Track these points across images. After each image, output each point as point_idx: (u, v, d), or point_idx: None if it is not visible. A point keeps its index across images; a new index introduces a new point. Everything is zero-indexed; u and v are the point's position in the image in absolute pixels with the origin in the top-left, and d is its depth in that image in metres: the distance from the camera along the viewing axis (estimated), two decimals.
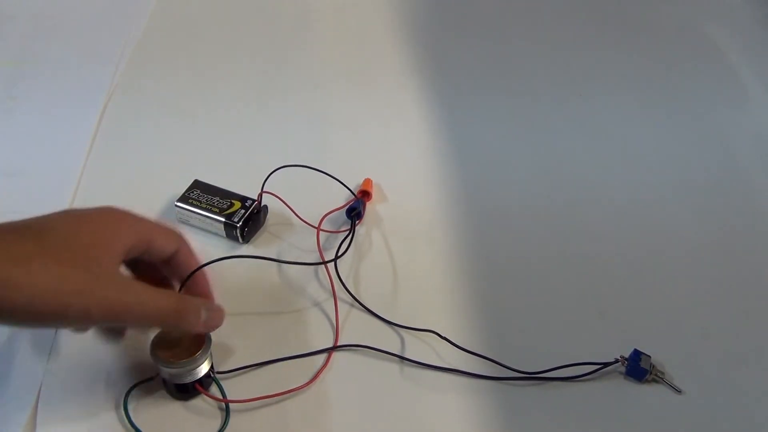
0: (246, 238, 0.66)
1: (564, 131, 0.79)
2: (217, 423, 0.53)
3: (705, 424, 0.54)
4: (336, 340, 0.59)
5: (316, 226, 0.66)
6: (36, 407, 0.53)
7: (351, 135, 0.78)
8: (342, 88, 0.84)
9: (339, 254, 0.64)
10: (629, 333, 0.60)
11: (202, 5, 0.97)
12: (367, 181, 0.71)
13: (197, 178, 0.68)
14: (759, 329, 0.61)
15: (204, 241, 0.66)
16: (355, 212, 0.67)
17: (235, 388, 0.55)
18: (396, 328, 0.60)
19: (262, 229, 0.68)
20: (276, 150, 0.75)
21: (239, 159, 0.75)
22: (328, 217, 0.67)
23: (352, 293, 0.62)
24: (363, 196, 0.69)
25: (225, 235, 0.66)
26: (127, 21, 0.93)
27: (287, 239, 0.67)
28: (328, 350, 0.58)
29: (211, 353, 0.53)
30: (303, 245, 0.66)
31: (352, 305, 0.62)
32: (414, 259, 0.66)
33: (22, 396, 0.54)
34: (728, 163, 0.76)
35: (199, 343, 0.52)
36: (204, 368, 0.53)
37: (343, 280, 0.63)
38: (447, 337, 0.58)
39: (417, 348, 0.58)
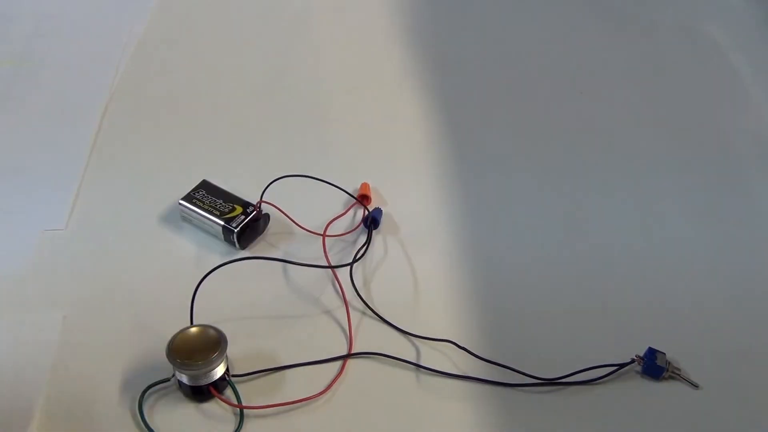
0: (242, 244, 0.65)
1: (563, 130, 0.80)
2: (230, 427, 0.52)
3: (726, 415, 0.55)
4: (350, 347, 0.58)
5: (318, 233, 0.66)
6: (39, 406, 0.53)
7: (351, 136, 0.78)
8: (342, 89, 0.84)
9: (357, 257, 0.64)
10: (639, 332, 0.60)
11: (203, 5, 0.96)
12: (365, 186, 0.71)
13: (205, 179, 0.68)
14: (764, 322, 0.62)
15: (202, 243, 0.66)
16: (371, 220, 0.67)
17: (249, 392, 0.54)
18: (411, 337, 0.59)
19: (260, 237, 0.67)
20: (277, 150, 0.75)
21: (239, 159, 0.75)
22: (328, 223, 0.67)
23: (365, 300, 0.61)
24: (362, 200, 0.69)
25: (223, 239, 0.65)
26: (128, 21, 0.92)
27: (286, 248, 0.66)
28: (343, 358, 0.57)
29: (227, 357, 0.53)
30: (303, 254, 0.65)
31: (364, 313, 0.61)
32: (421, 263, 0.65)
33: (28, 394, 0.54)
34: (728, 163, 0.76)
35: (215, 346, 0.52)
36: (219, 371, 0.53)
37: (356, 287, 0.62)
38: (463, 345, 0.58)
39: (432, 356, 0.58)
